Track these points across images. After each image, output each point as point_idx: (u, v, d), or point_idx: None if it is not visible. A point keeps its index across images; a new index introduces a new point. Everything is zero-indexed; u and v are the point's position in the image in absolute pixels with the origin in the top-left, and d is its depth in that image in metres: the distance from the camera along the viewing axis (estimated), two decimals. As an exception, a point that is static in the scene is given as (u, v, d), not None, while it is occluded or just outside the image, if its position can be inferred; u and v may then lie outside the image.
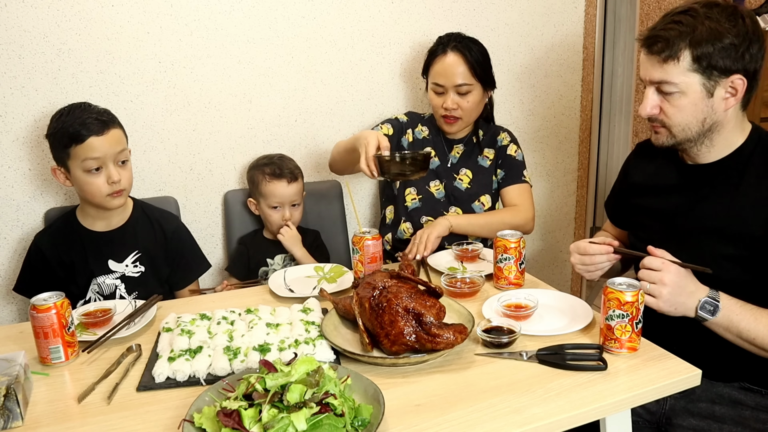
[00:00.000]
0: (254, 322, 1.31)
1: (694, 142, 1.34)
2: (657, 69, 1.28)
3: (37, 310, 1.19)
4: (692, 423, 1.36)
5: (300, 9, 2.11)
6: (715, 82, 1.25)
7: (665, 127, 1.33)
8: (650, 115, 1.33)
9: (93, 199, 1.66)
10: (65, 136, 1.59)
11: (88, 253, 1.72)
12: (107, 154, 1.62)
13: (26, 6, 1.80)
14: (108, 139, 1.62)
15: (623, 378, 1.12)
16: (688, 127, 1.30)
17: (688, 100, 1.27)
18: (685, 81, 1.25)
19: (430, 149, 2.02)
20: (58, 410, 1.08)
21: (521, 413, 1.02)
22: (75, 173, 1.63)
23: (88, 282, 1.72)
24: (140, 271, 1.76)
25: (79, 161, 1.60)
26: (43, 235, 1.76)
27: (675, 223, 1.40)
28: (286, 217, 1.96)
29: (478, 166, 2.08)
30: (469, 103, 1.95)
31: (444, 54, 1.94)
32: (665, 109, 1.31)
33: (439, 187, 2.05)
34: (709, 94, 1.26)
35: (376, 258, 1.57)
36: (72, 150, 1.60)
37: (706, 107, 1.28)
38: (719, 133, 1.32)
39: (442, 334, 1.14)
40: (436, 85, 1.97)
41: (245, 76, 2.09)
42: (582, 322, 1.31)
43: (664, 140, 1.36)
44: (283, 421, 0.87)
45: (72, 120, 1.60)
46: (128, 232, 1.77)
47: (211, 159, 2.12)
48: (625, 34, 2.70)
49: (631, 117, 2.74)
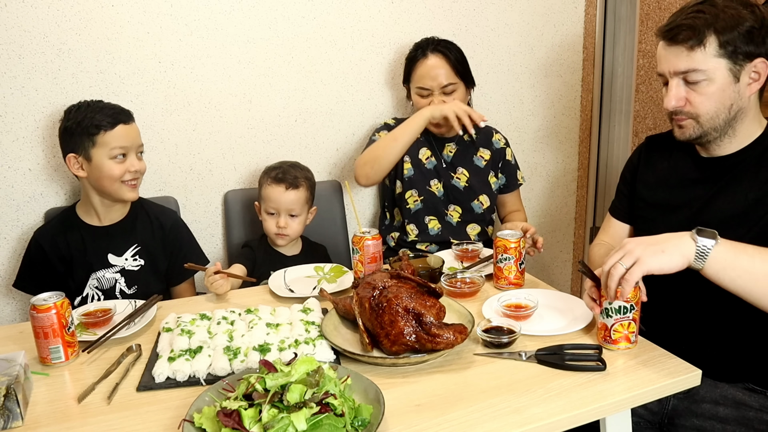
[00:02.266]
0: (254, 322, 1.31)
1: (720, 132, 1.33)
2: (683, 58, 1.28)
3: (37, 310, 1.19)
4: (695, 423, 1.36)
5: (300, 9, 2.11)
6: (741, 67, 1.27)
7: (692, 118, 1.32)
8: (677, 108, 1.33)
9: (110, 185, 1.70)
10: (92, 125, 1.65)
11: (87, 247, 1.74)
12: (132, 144, 1.71)
13: (26, 6, 1.80)
14: (133, 129, 1.73)
15: (623, 378, 1.12)
16: (717, 114, 1.30)
17: (716, 86, 1.28)
18: (713, 67, 1.26)
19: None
20: (58, 410, 1.08)
21: (521, 413, 1.02)
22: (98, 160, 1.67)
23: (87, 276, 1.73)
24: (140, 265, 1.77)
25: (107, 148, 1.66)
26: (43, 230, 1.78)
27: (692, 217, 1.38)
28: (280, 225, 1.89)
29: (474, 166, 2.09)
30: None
31: (425, 57, 1.98)
32: (692, 99, 1.31)
33: (438, 186, 2.06)
34: (736, 79, 1.28)
35: (376, 258, 1.57)
36: (100, 137, 1.66)
37: (733, 92, 1.28)
38: (742, 121, 1.33)
39: (442, 334, 1.14)
40: (421, 89, 2.00)
41: (245, 76, 2.09)
42: (581, 323, 1.31)
43: (691, 132, 1.34)
44: (283, 421, 0.87)
45: (97, 111, 1.67)
46: (128, 226, 1.79)
47: (211, 159, 2.12)
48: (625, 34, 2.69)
49: (631, 117, 2.74)
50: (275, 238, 1.93)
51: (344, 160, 2.30)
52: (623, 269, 1.10)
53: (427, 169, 2.07)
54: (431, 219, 2.07)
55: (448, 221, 2.07)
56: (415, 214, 2.06)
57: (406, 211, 2.07)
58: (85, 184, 1.74)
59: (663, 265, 1.09)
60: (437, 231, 2.06)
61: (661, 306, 1.34)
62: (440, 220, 2.06)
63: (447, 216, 2.07)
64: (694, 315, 1.36)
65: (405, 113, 2.28)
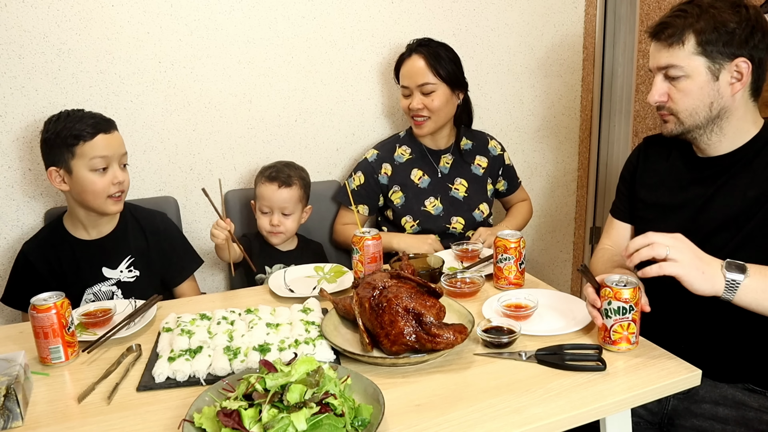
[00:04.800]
0: (254, 322, 1.31)
1: (703, 129, 1.35)
2: (663, 54, 1.32)
3: (37, 310, 1.19)
4: (695, 424, 1.36)
5: (300, 9, 2.11)
6: (720, 65, 1.28)
7: (673, 114, 1.35)
8: (658, 102, 1.35)
9: (94, 200, 1.64)
10: (71, 136, 1.59)
11: (80, 262, 1.71)
12: (114, 154, 1.64)
13: (26, 6, 1.80)
14: (115, 139, 1.65)
15: (623, 378, 1.12)
16: (696, 111, 1.32)
17: (694, 83, 1.30)
18: (691, 64, 1.29)
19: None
20: (58, 410, 1.08)
21: (521, 413, 1.02)
22: (79, 174, 1.61)
23: (81, 293, 1.70)
24: (135, 276, 1.75)
25: (86, 159, 1.60)
26: (31, 245, 1.72)
27: (690, 217, 1.39)
28: (273, 223, 1.91)
29: (472, 175, 2.09)
30: (435, 103, 1.97)
31: (409, 57, 2.01)
32: (672, 95, 1.33)
33: (435, 203, 2.05)
34: (715, 78, 1.29)
35: (376, 258, 1.57)
36: (79, 148, 1.59)
37: (712, 91, 1.30)
38: (729, 120, 1.33)
39: (442, 334, 1.14)
40: (403, 87, 2.03)
41: (245, 76, 2.09)
42: (581, 323, 1.31)
43: (673, 128, 1.37)
44: (283, 421, 0.87)
45: (76, 120, 1.61)
46: (119, 237, 1.75)
47: (211, 159, 2.12)
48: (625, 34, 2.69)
49: (631, 117, 2.74)
50: (269, 236, 1.95)
51: (344, 160, 2.30)
52: (666, 252, 1.12)
53: (421, 189, 2.06)
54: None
55: (451, 233, 2.06)
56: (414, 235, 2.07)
57: (404, 231, 2.07)
58: (69, 198, 1.68)
59: (694, 285, 1.12)
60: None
61: (661, 306, 1.34)
62: (441, 236, 2.04)
63: (450, 229, 2.05)
64: (694, 316, 1.36)
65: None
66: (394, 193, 2.06)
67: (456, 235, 2.06)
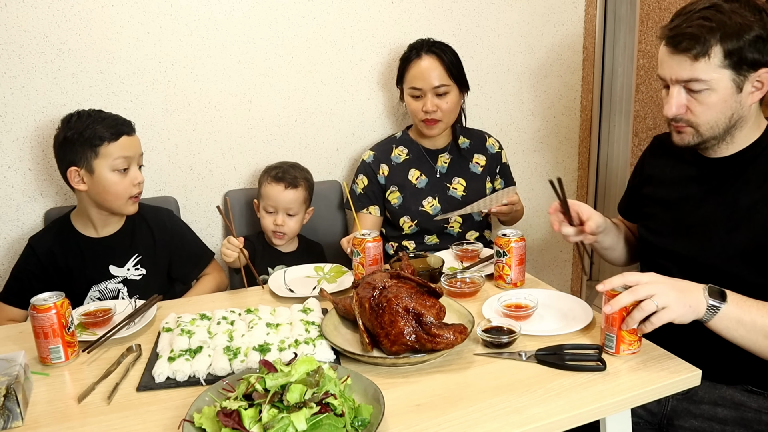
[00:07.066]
0: (254, 322, 1.31)
1: (718, 140, 1.32)
2: (686, 67, 1.24)
3: (37, 310, 1.19)
4: (694, 424, 1.35)
5: (300, 9, 2.11)
6: (744, 77, 1.24)
7: (692, 126, 1.30)
8: (677, 116, 1.30)
9: (114, 201, 1.65)
10: (95, 136, 1.60)
11: (87, 260, 1.71)
12: (135, 155, 1.68)
13: (26, 6, 1.80)
14: (136, 141, 1.70)
15: (623, 378, 1.12)
16: (717, 124, 1.28)
17: (718, 96, 1.25)
18: (716, 77, 1.23)
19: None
20: (58, 410, 1.08)
21: (521, 413, 1.02)
22: (101, 174, 1.62)
23: (86, 290, 1.70)
24: (142, 274, 1.76)
25: (110, 159, 1.62)
26: (39, 240, 1.73)
27: (686, 213, 1.39)
28: (277, 223, 1.93)
29: (471, 174, 2.09)
30: (448, 104, 1.96)
31: (419, 58, 1.97)
32: (692, 108, 1.28)
33: (433, 203, 2.05)
34: (738, 89, 1.25)
35: (377, 260, 1.57)
36: (103, 149, 1.61)
37: (734, 103, 1.26)
38: (741, 129, 1.31)
39: (442, 334, 1.14)
40: (413, 89, 1.98)
41: (245, 76, 2.09)
42: (582, 323, 1.31)
43: (690, 139, 1.33)
44: (283, 421, 0.87)
45: (98, 121, 1.63)
46: (127, 236, 1.76)
47: (211, 159, 2.12)
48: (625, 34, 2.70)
49: (631, 117, 2.74)
50: (272, 237, 1.96)
51: (344, 160, 2.30)
52: (654, 307, 1.12)
53: (419, 189, 2.05)
54: (430, 237, 2.07)
55: (448, 233, 2.06)
56: (412, 237, 2.07)
57: (404, 236, 2.07)
58: (84, 197, 1.68)
59: (684, 320, 1.14)
60: (436, 243, 2.06)
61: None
62: (439, 235, 2.05)
63: (447, 229, 2.06)
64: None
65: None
66: (392, 194, 2.06)
67: (454, 234, 2.06)
